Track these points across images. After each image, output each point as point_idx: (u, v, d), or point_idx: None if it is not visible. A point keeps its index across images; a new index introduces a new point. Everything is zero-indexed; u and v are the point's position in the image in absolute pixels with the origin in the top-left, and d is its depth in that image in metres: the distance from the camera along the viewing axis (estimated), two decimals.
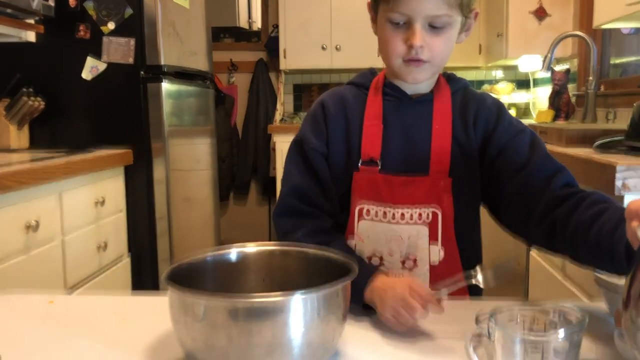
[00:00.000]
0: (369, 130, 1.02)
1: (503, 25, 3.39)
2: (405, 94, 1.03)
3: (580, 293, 1.24)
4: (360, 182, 1.01)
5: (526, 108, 4.18)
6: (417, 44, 0.93)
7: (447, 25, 0.94)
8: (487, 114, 1.02)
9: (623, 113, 2.49)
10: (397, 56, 0.97)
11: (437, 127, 1.01)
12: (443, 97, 1.03)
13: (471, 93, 1.06)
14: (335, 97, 1.08)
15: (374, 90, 1.05)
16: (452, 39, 0.97)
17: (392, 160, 1.01)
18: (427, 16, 0.93)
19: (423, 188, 0.98)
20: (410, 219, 0.98)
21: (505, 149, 0.99)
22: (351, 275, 0.74)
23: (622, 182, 0.99)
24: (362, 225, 1.00)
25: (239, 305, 0.68)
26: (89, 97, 2.37)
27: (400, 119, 1.02)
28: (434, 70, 0.99)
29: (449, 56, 0.99)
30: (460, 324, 0.83)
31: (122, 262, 2.27)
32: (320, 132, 1.05)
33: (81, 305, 1.01)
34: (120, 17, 2.32)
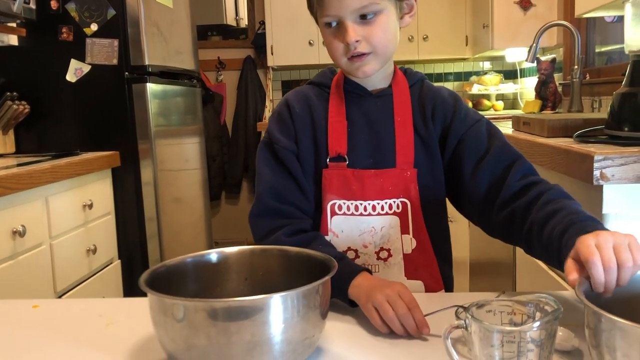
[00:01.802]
0: (334, 127, 1.04)
1: (489, 16, 3.39)
2: (365, 89, 1.05)
3: (565, 283, 1.25)
4: (330, 179, 1.03)
5: (514, 99, 4.19)
6: (352, 40, 0.95)
7: (377, 13, 0.96)
8: (444, 106, 1.04)
9: (608, 101, 2.50)
10: (340, 56, 0.99)
11: (399, 120, 1.03)
12: (402, 90, 1.05)
13: (428, 86, 1.09)
14: (299, 96, 1.10)
15: (335, 88, 1.07)
16: (389, 26, 0.98)
17: (359, 155, 1.03)
18: (354, 10, 0.95)
19: (391, 180, 1.01)
20: (382, 210, 1.01)
21: (463, 139, 1.02)
22: (331, 273, 0.75)
23: (599, 171, 1.00)
24: (335, 220, 1.03)
25: (217, 306, 0.69)
26: (74, 100, 2.36)
27: (363, 114, 1.05)
28: (381, 60, 1.00)
29: (393, 43, 1.00)
30: (441, 318, 0.84)
31: (112, 265, 2.27)
32: (288, 132, 1.07)
33: (66, 309, 1.01)
34: (103, 18, 2.31)
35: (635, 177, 1.01)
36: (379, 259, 1.02)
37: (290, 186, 1.05)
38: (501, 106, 4.11)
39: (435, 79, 4.43)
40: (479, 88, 4.12)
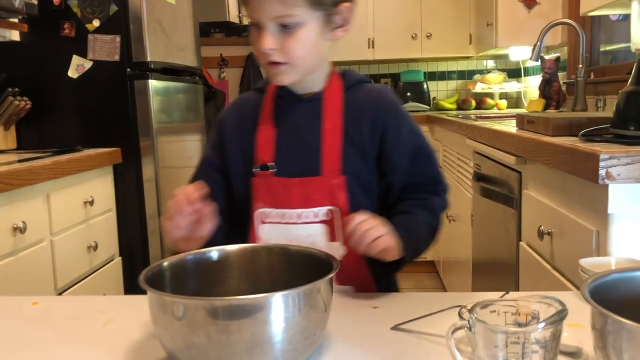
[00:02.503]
0: (262, 134, 1.03)
1: (492, 14, 3.37)
2: (295, 94, 1.04)
3: (568, 283, 1.24)
4: (257, 188, 1.02)
5: (517, 97, 4.18)
6: (264, 47, 0.94)
7: (297, 25, 0.93)
8: (386, 117, 1.03)
9: (613, 100, 2.49)
10: (260, 58, 0.98)
11: (327, 126, 1.01)
12: (334, 94, 1.03)
13: (367, 89, 1.06)
14: (233, 106, 1.11)
15: (270, 93, 1.06)
16: (308, 40, 0.95)
17: (286, 163, 1.02)
18: (273, 17, 0.93)
19: (316, 188, 1.00)
20: (307, 218, 1.00)
21: (392, 150, 1.02)
22: (333, 271, 0.74)
23: (605, 170, 0.99)
24: (263, 229, 1.02)
25: (217, 304, 0.68)
26: (75, 96, 2.35)
27: (291, 120, 1.03)
28: (298, 71, 0.98)
29: (311, 56, 0.97)
30: (444, 318, 0.83)
31: (113, 262, 2.26)
32: (215, 145, 1.09)
33: (66, 306, 1.00)
34: (105, 14, 2.30)
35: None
36: None
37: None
38: (504, 105, 4.09)
39: (438, 77, 4.41)
40: (482, 87, 4.11)
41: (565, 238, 1.25)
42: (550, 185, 1.37)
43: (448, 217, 2.91)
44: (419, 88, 4.23)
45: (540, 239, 1.36)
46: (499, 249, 1.87)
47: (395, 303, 0.96)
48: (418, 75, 4.28)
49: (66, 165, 1.89)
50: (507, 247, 1.75)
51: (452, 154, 2.94)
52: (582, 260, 0.95)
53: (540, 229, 1.35)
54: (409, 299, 1.00)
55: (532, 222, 1.50)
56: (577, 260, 1.18)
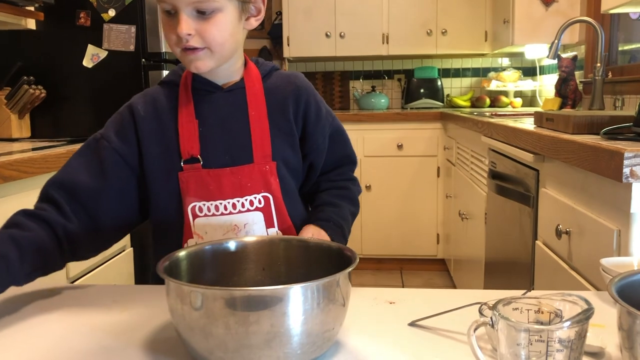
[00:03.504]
0: (184, 127, 1.01)
1: (509, 11, 3.34)
2: (216, 84, 1.03)
3: (586, 283, 1.22)
4: (186, 182, 1.01)
5: (532, 96, 4.14)
6: (183, 32, 0.92)
7: (215, 10, 0.93)
8: (307, 103, 1.06)
9: (631, 100, 2.46)
10: (174, 46, 0.96)
11: (253, 114, 1.02)
12: (254, 82, 1.04)
13: (284, 76, 1.08)
14: (144, 99, 1.05)
15: (183, 86, 1.03)
16: (226, 25, 0.95)
17: (214, 154, 1.01)
18: (190, 3, 0.92)
19: (249, 175, 1.00)
20: (242, 207, 1.00)
21: (312, 130, 1.06)
22: (352, 265, 0.73)
23: (629, 169, 0.97)
24: (197, 223, 1.01)
25: (237, 295, 0.67)
26: (90, 86, 2.35)
27: (215, 111, 1.02)
28: (217, 58, 0.97)
29: (229, 42, 0.97)
30: (464, 315, 0.82)
31: (124, 253, 2.26)
32: (125, 136, 1.02)
33: (80, 294, 1.00)
34: (121, 4, 2.30)
35: None
36: None
37: (90, 187, 0.99)
38: (519, 103, 4.06)
39: (452, 74, 4.39)
40: (497, 84, 4.07)
41: (584, 237, 1.23)
42: (569, 183, 1.35)
43: (460, 215, 2.89)
44: (432, 85, 4.20)
45: (558, 238, 1.34)
46: (513, 247, 1.85)
47: (412, 299, 0.95)
48: (432, 72, 4.25)
49: None
50: (522, 246, 1.73)
51: (465, 151, 2.92)
52: (604, 259, 0.93)
53: (558, 228, 1.33)
54: (425, 295, 0.99)
55: (549, 221, 1.48)
56: (596, 259, 1.17)
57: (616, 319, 0.64)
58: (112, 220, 1.03)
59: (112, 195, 1.01)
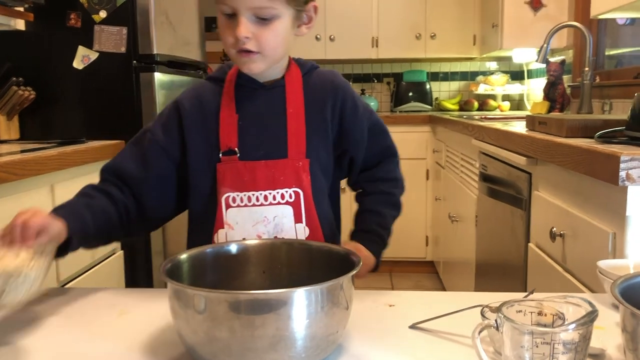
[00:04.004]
0: (225, 121, 1.06)
1: (498, 15, 3.37)
2: (257, 82, 1.08)
3: (581, 285, 1.23)
4: (223, 173, 1.05)
5: (520, 100, 4.18)
6: (241, 35, 0.97)
7: (273, 17, 0.98)
8: (336, 92, 1.10)
9: (619, 104, 2.49)
10: (229, 47, 1.01)
11: (291, 111, 1.07)
12: (294, 81, 1.08)
13: (320, 73, 1.13)
14: (190, 94, 1.11)
15: (228, 82, 1.09)
16: (281, 31, 1.00)
17: (250, 147, 1.06)
18: (251, 8, 0.96)
19: (282, 170, 1.05)
20: (274, 199, 1.04)
21: (351, 129, 1.11)
22: (355, 268, 0.73)
23: (625, 172, 0.98)
24: (230, 213, 1.05)
25: (242, 298, 0.67)
26: (80, 87, 2.33)
27: (255, 107, 1.07)
28: (269, 61, 1.02)
29: (282, 47, 1.02)
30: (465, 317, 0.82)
31: (114, 256, 2.24)
32: (169, 130, 1.08)
33: (76, 298, 0.99)
34: (112, 6, 2.28)
35: None
36: None
37: (135, 175, 1.07)
38: (507, 107, 4.09)
39: (441, 77, 4.41)
40: (485, 88, 4.10)
41: (578, 240, 1.24)
42: (563, 186, 1.36)
43: (450, 218, 2.91)
44: (421, 88, 4.22)
45: (552, 241, 1.35)
46: (505, 250, 1.86)
47: (411, 301, 0.95)
48: (421, 75, 4.27)
49: (72, 156, 1.87)
50: (515, 248, 1.74)
51: (455, 154, 2.94)
52: (601, 262, 0.94)
53: (552, 231, 1.34)
54: (425, 297, 1.00)
55: (543, 224, 1.49)
56: (591, 262, 1.18)
57: (619, 321, 0.64)
58: (154, 207, 1.09)
59: (154, 184, 1.07)
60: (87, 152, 1.99)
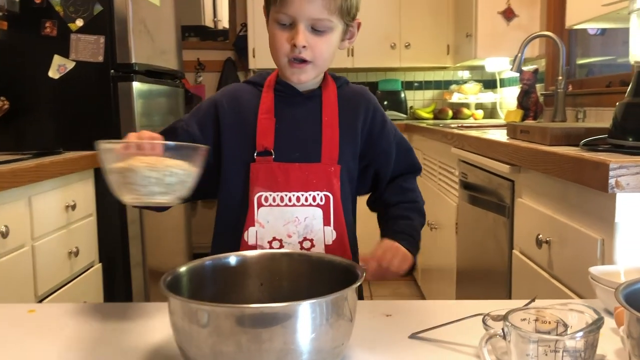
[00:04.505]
0: (263, 123, 1.10)
1: (472, 25, 3.42)
2: (296, 90, 1.12)
3: (569, 291, 1.25)
4: (257, 172, 1.08)
5: (493, 108, 4.24)
6: (300, 43, 1.01)
7: (328, 29, 1.04)
8: (367, 106, 1.15)
9: (592, 112, 2.55)
10: (283, 55, 1.05)
11: (326, 119, 1.11)
12: (330, 92, 1.13)
13: (352, 88, 1.19)
14: (229, 93, 1.16)
15: (267, 87, 1.13)
16: (333, 43, 1.07)
17: (286, 150, 1.09)
18: (310, 19, 1.02)
19: (315, 173, 1.09)
20: (305, 201, 1.07)
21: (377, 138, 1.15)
22: (359, 280, 0.73)
23: (615, 180, 1.00)
24: (261, 212, 1.08)
25: (249, 312, 0.66)
26: (56, 97, 2.29)
27: (292, 113, 1.12)
28: (317, 71, 1.08)
29: (330, 59, 1.08)
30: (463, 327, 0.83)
31: (93, 269, 2.20)
32: (204, 126, 1.12)
33: (65, 314, 0.96)
34: (89, 14, 2.24)
35: None
36: (302, 249, 1.08)
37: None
38: (481, 115, 4.15)
39: (415, 87, 4.45)
40: (459, 97, 4.16)
41: (566, 246, 1.26)
42: (548, 193, 1.38)
43: (429, 225, 2.93)
44: (396, 97, 4.26)
45: (539, 247, 1.37)
46: (488, 257, 1.88)
47: (408, 311, 0.95)
48: (396, 84, 4.31)
49: (49, 168, 1.83)
50: (498, 255, 1.76)
51: (433, 162, 2.96)
52: (592, 268, 0.95)
53: (538, 237, 1.36)
54: (422, 306, 1.00)
55: (527, 230, 1.51)
56: (579, 268, 1.20)
57: (624, 327, 0.65)
58: None
59: None
60: (65, 164, 1.95)
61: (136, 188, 0.82)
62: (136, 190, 0.82)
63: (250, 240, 1.08)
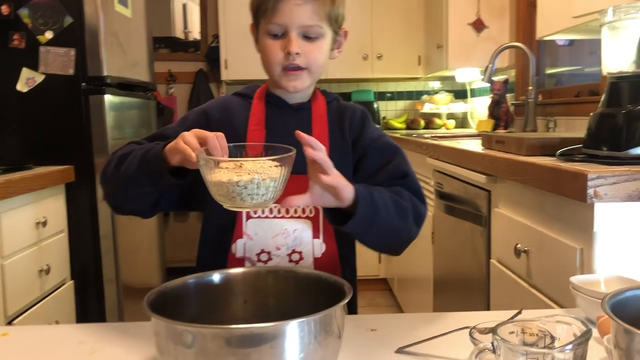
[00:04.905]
0: (253, 134, 1.10)
1: (443, 36, 3.46)
2: (286, 102, 1.13)
3: (548, 300, 1.26)
4: None
5: (464, 118, 4.29)
6: (294, 50, 1.03)
7: (319, 35, 1.05)
8: (356, 120, 1.15)
9: (562, 121, 2.60)
10: (277, 64, 1.05)
11: (316, 131, 1.11)
12: (320, 105, 1.14)
13: (344, 104, 1.19)
14: (219, 104, 1.17)
15: (257, 99, 1.14)
16: (325, 50, 1.08)
17: None
18: (301, 26, 1.03)
19: (305, 185, 1.04)
20: (295, 213, 1.06)
21: (367, 150, 1.12)
22: (347, 297, 0.72)
23: (593, 190, 1.01)
24: (250, 223, 1.06)
25: (237, 333, 0.64)
26: (25, 111, 2.22)
27: (282, 125, 1.11)
28: (311, 79, 1.09)
29: (324, 67, 1.09)
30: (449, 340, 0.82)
31: (64, 287, 2.14)
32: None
33: (40, 336, 0.93)
34: (59, 26, 2.20)
35: (626, 196, 1.03)
36: (290, 262, 1.07)
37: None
38: (452, 125, 4.20)
39: (388, 97, 4.49)
40: (430, 107, 4.20)
41: (544, 256, 1.28)
42: (525, 203, 1.40)
43: None
44: (369, 107, 4.28)
45: (517, 257, 1.38)
46: (465, 266, 1.89)
47: (393, 325, 0.95)
48: (368, 95, 4.33)
49: (19, 184, 1.78)
50: (475, 265, 1.77)
51: None
52: (573, 277, 0.96)
53: (517, 247, 1.37)
54: (407, 320, 0.99)
55: (504, 240, 1.53)
56: (558, 277, 1.21)
57: (611, 337, 0.66)
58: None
59: None
60: (35, 179, 1.90)
61: (233, 198, 0.86)
62: (233, 200, 0.86)
63: (238, 252, 1.06)
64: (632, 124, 1.18)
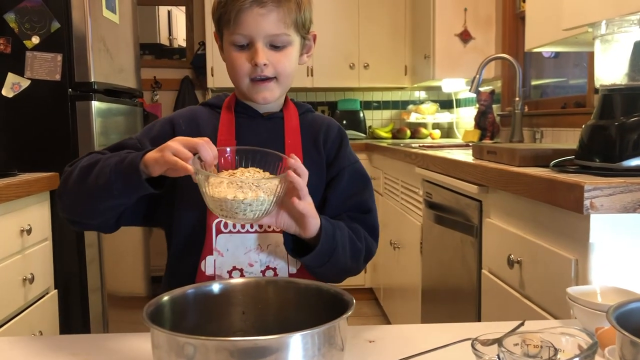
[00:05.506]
0: (222, 145, 1.04)
1: (430, 47, 3.49)
2: (257, 111, 1.09)
3: (541, 311, 1.26)
4: None
5: (450, 128, 4.32)
6: (261, 61, 0.99)
7: (287, 43, 1.02)
8: (332, 136, 1.12)
9: (549, 132, 2.62)
10: (244, 76, 1.02)
11: (289, 142, 1.08)
12: (292, 116, 1.11)
13: (319, 116, 1.16)
14: (186, 115, 1.11)
15: (226, 109, 1.09)
16: (293, 58, 1.05)
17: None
18: (267, 35, 1.00)
19: None
20: (268, 227, 1.01)
21: (341, 172, 1.09)
22: (350, 310, 0.71)
23: (589, 201, 1.02)
24: (220, 239, 1.01)
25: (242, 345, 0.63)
26: (10, 117, 2.19)
27: (254, 135, 1.07)
28: (282, 88, 1.05)
29: (293, 75, 1.06)
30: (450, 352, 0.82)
31: (48, 296, 2.10)
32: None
33: (30, 348, 0.91)
34: (46, 31, 2.17)
35: (621, 207, 1.03)
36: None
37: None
38: (438, 135, 4.22)
39: (374, 106, 4.50)
40: (416, 117, 4.22)
41: (538, 266, 1.28)
42: (517, 214, 1.40)
43: (392, 244, 2.93)
44: (355, 117, 4.29)
45: (510, 267, 1.38)
46: (455, 276, 1.89)
47: (391, 337, 0.94)
48: (355, 104, 4.34)
49: (3, 190, 1.74)
50: (466, 275, 1.77)
51: (395, 182, 2.98)
52: (569, 288, 0.96)
53: (510, 257, 1.37)
54: (404, 331, 0.99)
55: (496, 250, 1.53)
56: (553, 288, 1.21)
57: (617, 349, 0.66)
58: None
59: None
60: (20, 186, 1.86)
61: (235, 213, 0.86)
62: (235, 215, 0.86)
63: (208, 270, 1.00)
64: (625, 136, 1.19)
